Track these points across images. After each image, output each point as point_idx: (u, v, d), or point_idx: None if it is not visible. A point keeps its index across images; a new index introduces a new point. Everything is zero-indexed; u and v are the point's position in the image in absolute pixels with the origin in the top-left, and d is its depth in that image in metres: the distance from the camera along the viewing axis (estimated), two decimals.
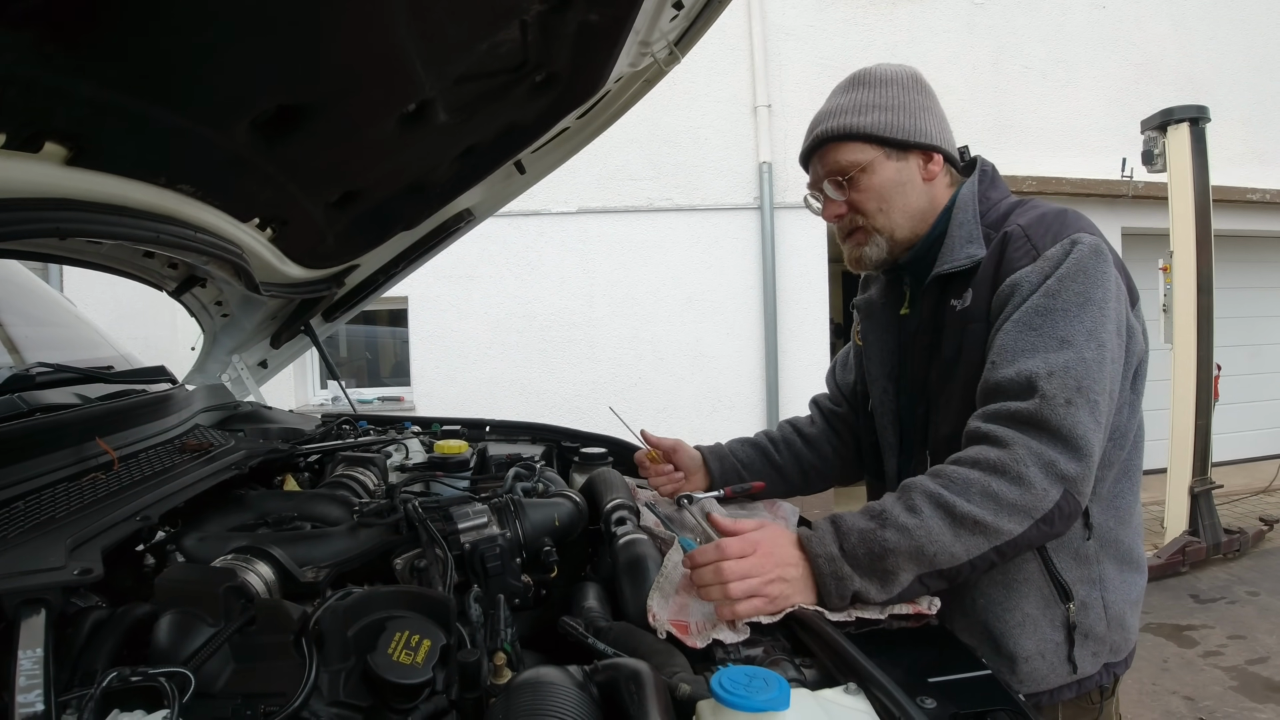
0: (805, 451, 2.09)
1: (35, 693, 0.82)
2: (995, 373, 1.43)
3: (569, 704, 0.88)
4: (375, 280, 2.74)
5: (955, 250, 1.60)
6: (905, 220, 1.68)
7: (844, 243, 1.78)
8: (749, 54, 7.90)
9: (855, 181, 1.66)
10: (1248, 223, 8.72)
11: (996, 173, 1.73)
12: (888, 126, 1.63)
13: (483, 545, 1.38)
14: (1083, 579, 1.51)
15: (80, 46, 0.96)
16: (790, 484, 2.10)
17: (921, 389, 1.68)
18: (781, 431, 2.15)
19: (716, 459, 2.07)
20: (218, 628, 1.01)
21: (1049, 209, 1.57)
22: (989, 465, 1.33)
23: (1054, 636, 1.50)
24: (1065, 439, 1.33)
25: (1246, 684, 4.48)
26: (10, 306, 2.28)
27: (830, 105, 1.71)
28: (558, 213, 7.80)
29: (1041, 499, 1.31)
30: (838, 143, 1.66)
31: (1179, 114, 6.28)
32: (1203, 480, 6.40)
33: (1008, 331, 1.44)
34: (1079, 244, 1.45)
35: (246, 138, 1.39)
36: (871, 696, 0.98)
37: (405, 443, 2.25)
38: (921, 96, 1.68)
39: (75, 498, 1.34)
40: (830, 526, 1.37)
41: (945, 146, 1.69)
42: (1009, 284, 1.47)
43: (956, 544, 1.30)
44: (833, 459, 2.09)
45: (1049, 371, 1.36)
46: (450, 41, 1.41)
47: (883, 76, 1.68)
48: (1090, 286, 1.42)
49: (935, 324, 1.64)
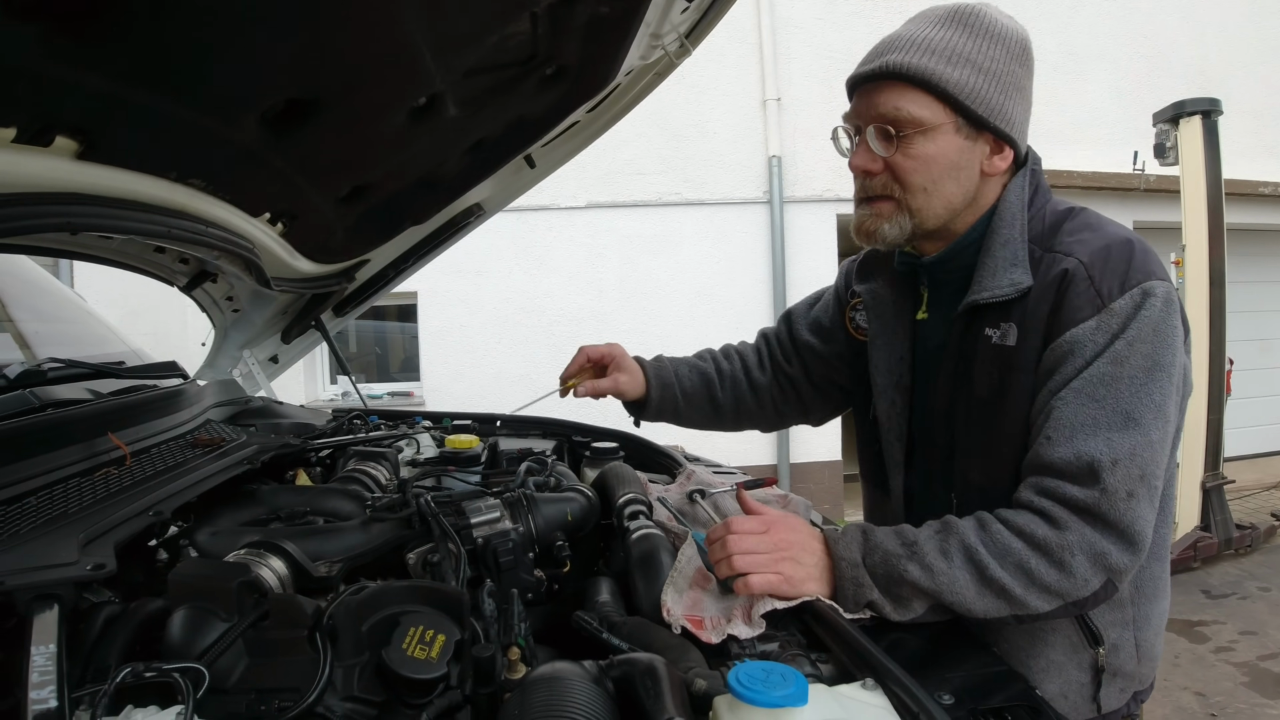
0: (748, 395, 1.98)
1: (48, 689, 0.82)
2: (1052, 450, 1.26)
3: (585, 699, 0.87)
4: (385, 275, 2.74)
5: (997, 274, 1.38)
6: (943, 209, 1.43)
7: (860, 205, 1.50)
8: (758, 47, 7.88)
9: (909, 143, 1.38)
10: (1260, 216, 8.66)
11: (1041, 167, 1.51)
12: (975, 93, 1.35)
13: (495, 540, 1.38)
14: (1116, 622, 1.43)
15: (89, 39, 0.95)
16: (720, 421, 2.03)
17: (945, 420, 1.49)
18: (730, 365, 2.00)
19: (660, 386, 1.95)
20: (231, 623, 1.01)
21: (1111, 234, 1.37)
22: (1034, 541, 1.23)
23: (1080, 678, 1.42)
24: (1123, 533, 1.22)
25: (1258, 679, 4.46)
26: (21, 302, 2.28)
27: (914, 33, 1.38)
28: (566, 207, 7.79)
29: (1080, 588, 1.23)
30: (906, 86, 1.36)
31: (1191, 107, 6.25)
32: (1214, 475, 6.37)
33: (1066, 401, 1.27)
34: (1151, 297, 1.27)
35: (256, 132, 1.39)
36: (889, 692, 0.97)
37: (416, 437, 2.25)
38: (1023, 71, 1.40)
39: (87, 493, 1.34)
40: (860, 535, 1.33)
41: (1021, 142, 1.44)
42: (1068, 341, 1.29)
43: (977, 602, 1.24)
44: (770, 411, 2.00)
45: (1113, 460, 1.21)
46: (460, 34, 1.41)
47: (990, 27, 1.37)
48: (1160, 348, 1.26)
49: (964, 351, 1.44)
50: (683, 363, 2.01)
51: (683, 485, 1.95)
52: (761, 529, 1.32)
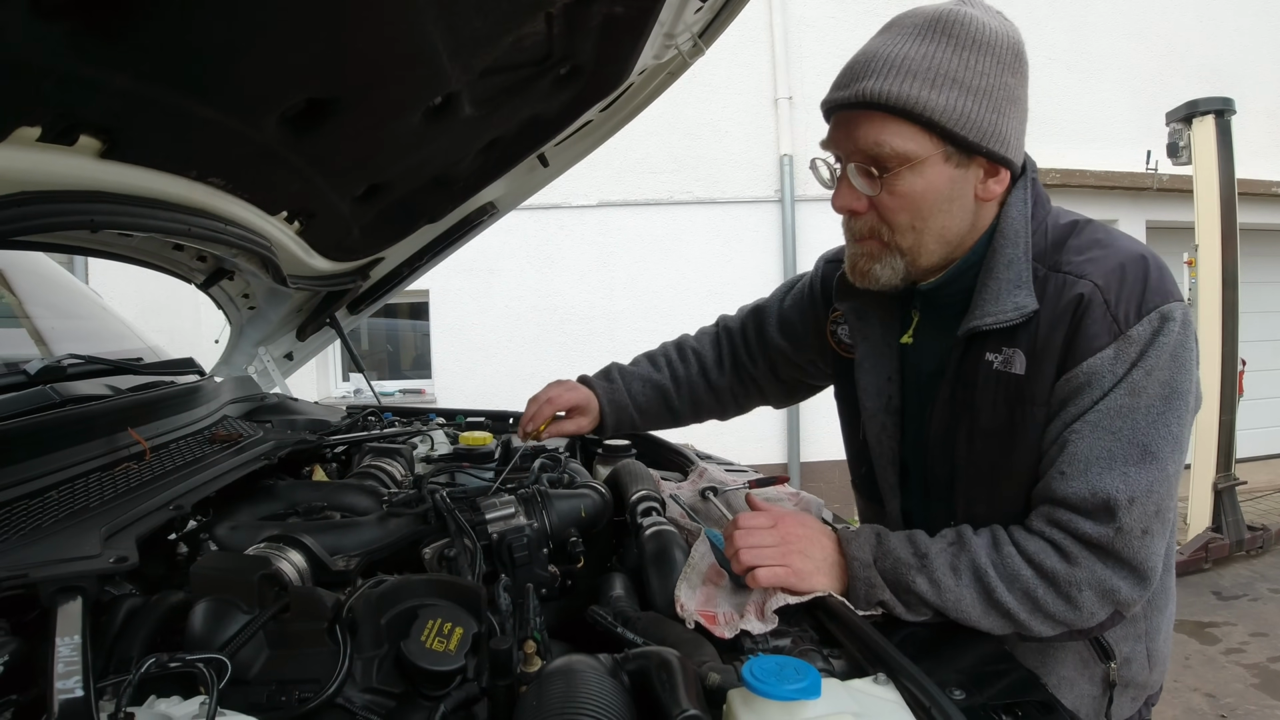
0: (705, 398, 1.96)
1: (74, 679, 0.83)
2: (1066, 485, 1.21)
3: (602, 691, 0.88)
4: (400, 273, 2.75)
5: (1001, 298, 1.27)
6: (938, 245, 1.32)
7: (851, 244, 1.41)
8: (770, 46, 7.88)
9: (894, 180, 1.25)
10: (1273, 216, 8.61)
11: (1037, 172, 1.38)
12: (964, 118, 1.21)
13: (510, 535, 1.39)
14: (1128, 636, 1.40)
15: (115, 39, 0.96)
16: (676, 423, 2.03)
17: (943, 447, 1.41)
18: (686, 370, 1.96)
19: (614, 410, 1.94)
20: (253, 615, 1.03)
21: (1123, 251, 1.26)
22: (1044, 572, 1.20)
23: (1092, 692, 1.40)
24: (1135, 570, 1.20)
25: (1268, 681, 4.45)
26: (40, 299, 2.31)
27: (892, 50, 1.23)
28: (578, 206, 7.81)
29: (1086, 620, 1.22)
30: (888, 116, 1.23)
31: (1204, 106, 6.22)
32: (1226, 476, 6.34)
33: (1082, 435, 1.21)
34: (1169, 322, 1.19)
35: (276, 131, 1.40)
36: (901, 687, 0.98)
37: (431, 434, 2.27)
38: (1015, 81, 1.25)
39: (108, 487, 1.36)
40: (874, 538, 1.32)
41: (1016, 159, 1.30)
42: (1085, 372, 1.21)
43: (982, 620, 1.23)
44: (730, 405, 2.00)
45: (1130, 499, 1.17)
46: (476, 34, 1.42)
47: (977, 35, 1.22)
48: (1178, 374, 1.20)
49: (964, 377, 1.35)
50: (635, 377, 1.97)
51: (695, 483, 1.95)
52: (769, 523, 1.32)
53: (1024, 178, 1.35)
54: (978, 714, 0.97)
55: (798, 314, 1.78)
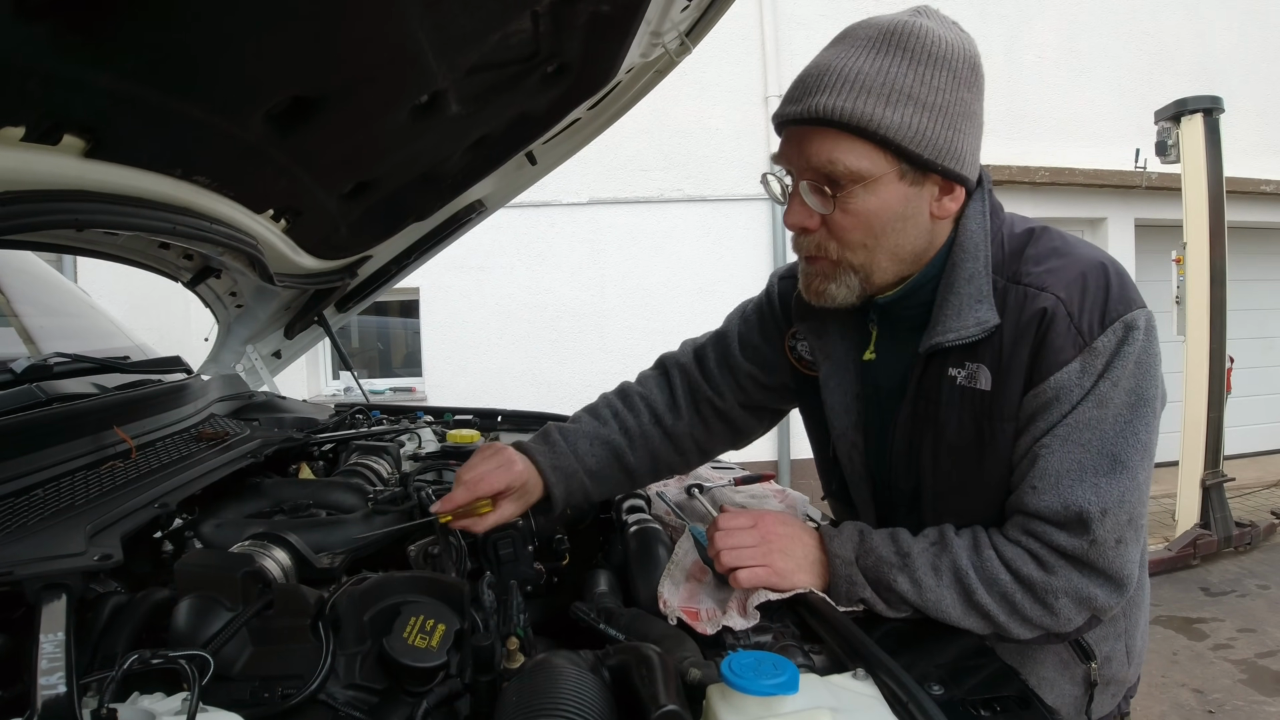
0: (663, 449, 1.66)
1: (57, 675, 0.83)
2: (1039, 500, 1.20)
3: (581, 686, 0.89)
4: (388, 271, 2.75)
5: (962, 313, 1.25)
6: (891, 263, 1.29)
7: (804, 263, 1.36)
8: (760, 44, 7.89)
9: (847, 198, 1.22)
10: (1261, 214, 8.66)
11: (992, 186, 1.35)
12: (919, 135, 1.17)
13: (495, 533, 1.40)
14: (1107, 636, 1.41)
15: (99, 38, 0.97)
16: (635, 484, 1.71)
17: (907, 464, 1.39)
18: (637, 419, 1.65)
19: (562, 480, 1.55)
20: (236, 612, 1.03)
21: (1082, 260, 1.25)
22: (1021, 579, 1.21)
23: (1073, 692, 1.41)
24: (1110, 578, 1.20)
25: (1256, 677, 4.47)
26: (27, 297, 2.30)
27: (845, 64, 1.19)
28: (568, 203, 7.80)
29: (1063, 625, 1.22)
30: (840, 133, 1.19)
31: (1193, 105, 6.24)
32: (1214, 473, 6.37)
33: (1052, 450, 1.20)
34: (1133, 330, 1.18)
35: (261, 129, 1.40)
36: (880, 682, 0.99)
37: (418, 432, 2.27)
38: (971, 96, 1.23)
39: (94, 485, 1.36)
40: (856, 535, 1.32)
41: (972, 176, 1.27)
42: (1053, 387, 1.20)
43: (962, 620, 1.23)
44: (693, 454, 1.71)
45: (1103, 510, 1.16)
46: (463, 32, 1.42)
47: (933, 49, 1.18)
48: (1143, 381, 1.19)
49: (926, 393, 1.33)
50: (581, 435, 1.62)
51: (681, 480, 1.96)
52: (749, 523, 1.33)
53: (980, 190, 1.32)
54: (956, 709, 0.97)
55: (760, 336, 1.65)
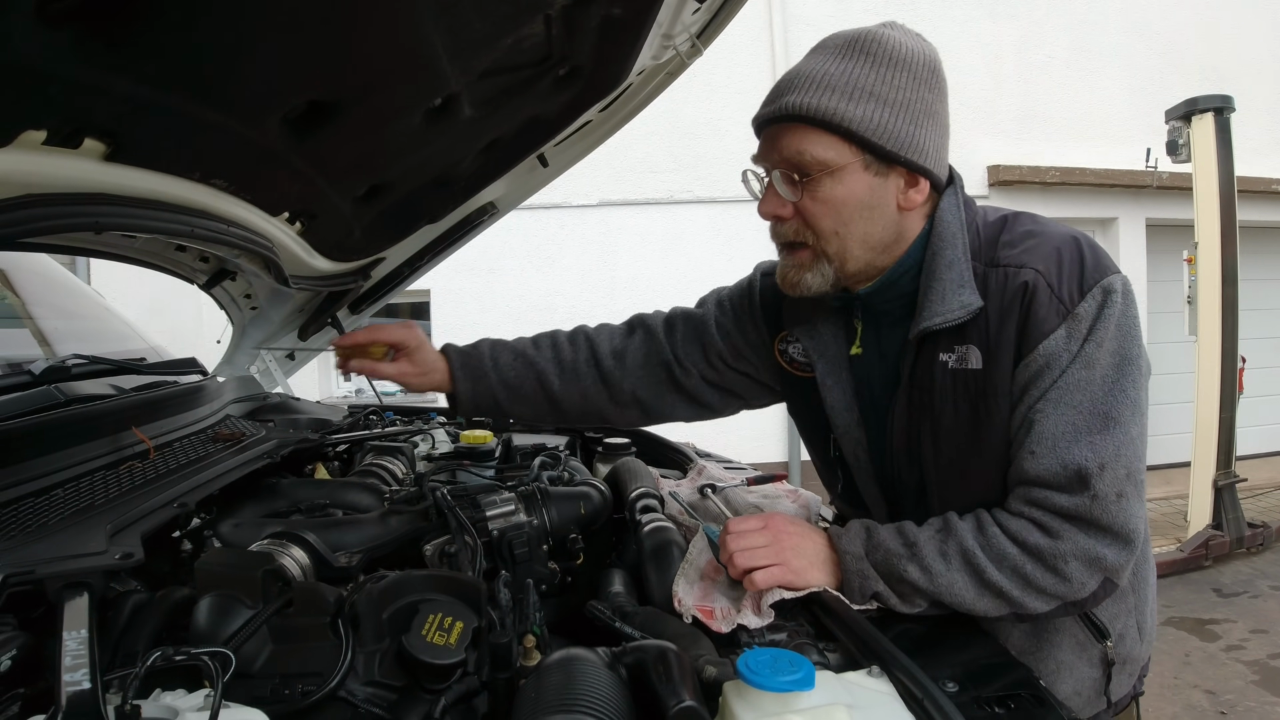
0: (594, 391, 1.75)
1: (81, 672, 0.84)
2: (1037, 464, 1.25)
3: (599, 683, 0.90)
4: (401, 273, 2.76)
5: (946, 298, 1.31)
6: (862, 251, 1.37)
7: (781, 254, 1.48)
8: (769, 45, 7.88)
9: (815, 185, 1.32)
10: (1273, 214, 8.60)
11: (962, 183, 1.43)
12: (879, 128, 1.27)
13: (510, 532, 1.41)
14: (1120, 613, 1.43)
15: (120, 44, 0.98)
16: (557, 413, 1.78)
17: (909, 454, 1.43)
18: (574, 356, 1.77)
19: (468, 378, 1.72)
20: (256, 610, 1.04)
21: (1055, 238, 1.32)
22: (1029, 548, 1.24)
23: (1091, 674, 1.43)
24: (1116, 534, 1.23)
25: (1268, 678, 4.46)
26: (44, 300, 2.32)
27: (814, 69, 1.32)
28: (579, 205, 7.81)
29: (1077, 591, 1.24)
30: (808, 127, 1.30)
31: (1204, 104, 6.23)
32: (1226, 474, 6.35)
33: (1046, 414, 1.25)
34: (1111, 294, 1.24)
35: (278, 133, 1.41)
36: (894, 679, 1.00)
37: (432, 433, 2.28)
38: (932, 96, 1.32)
39: (113, 485, 1.37)
40: (864, 532, 1.34)
41: (937, 171, 1.35)
42: (1042, 355, 1.25)
43: (977, 602, 1.26)
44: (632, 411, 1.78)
45: (1100, 465, 1.21)
46: (476, 36, 1.43)
47: (894, 53, 1.30)
48: (1126, 342, 1.25)
49: (919, 381, 1.38)
50: (506, 349, 1.78)
51: (694, 480, 1.97)
52: (759, 525, 1.36)
53: (952, 187, 1.40)
54: (971, 706, 0.98)
55: (736, 327, 1.72)
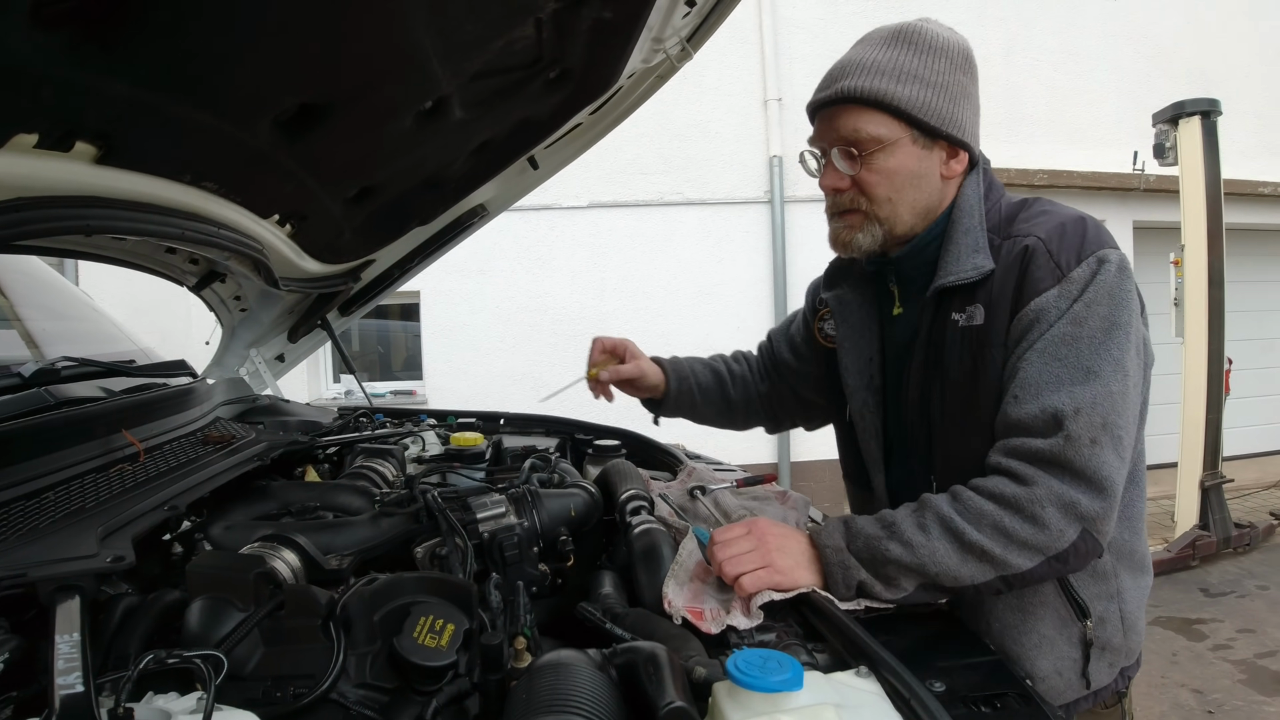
0: (756, 400, 2.09)
1: (74, 675, 0.84)
2: (1019, 408, 1.33)
3: (590, 684, 0.90)
4: (391, 275, 2.77)
5: (961, 260, 1.46)
6: (910, 215, 1.52)
7: (834, 219, 1.61)
8: (759, 47, 7.89)
9: (871, 159, 1.47)
10: (1259, 216, 8.66)
11: (990, 167, 1.59)
12: (925, 106, 1.44)
13: (501, 534, 1.41)
14: (1100, 595, 1.47)
15: (113, 47, 0.98)
16: (732, 419, 2.14)
17: (920, 411, 1.54)
18: (740, 367, 2.14)
19: (677, 379, 2.06)
20: (248, 612, 1.04)
21: (1063, 214, 1.44)
22: (1005, 500, 1.28)
23: (1071, 654, 1.47)
24: (1089, 479, 1.27)
25: (1255, 677, 4.48)
26: (33, 302, 2.31)
27: (863, 57, 1.48)
28: (569, 207, 7.80)
29: (1056, 539, 1.27)
30: (863, 108, 1.46)
31: (1191, 107, 6.26)
32: (1213, 474, 6.37)
33: (1031, 362, 1.34)
34: (1106, 263, 1.35)
35: (269, 135, 1.42)
36: (882, 679, 1.01)
37: (422, 435, 2.28)
38: (967, 79, 1.50)
39: (104, 488, 1.37)
40: (841, 525, 1.40)
41: (974, 145, 1.53)
42: (1033, 310, 1.36)
43: (962, 569, 1.28)
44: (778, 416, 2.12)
45: (1075, 409, 1.28)
46: (467, 39, 1.43)
47: (933, 42, 1.47)
48: (1116, 310, 1.33)
49: (934, 338, 1.51)
50: (695, 361, 2.12)
51: (684, 482, 1.98)
52: (744, 531, 1.40)
53: (978, 169, 1.56)
54: (958, 705, 0.99)
55: (797, 331, 2.00)
